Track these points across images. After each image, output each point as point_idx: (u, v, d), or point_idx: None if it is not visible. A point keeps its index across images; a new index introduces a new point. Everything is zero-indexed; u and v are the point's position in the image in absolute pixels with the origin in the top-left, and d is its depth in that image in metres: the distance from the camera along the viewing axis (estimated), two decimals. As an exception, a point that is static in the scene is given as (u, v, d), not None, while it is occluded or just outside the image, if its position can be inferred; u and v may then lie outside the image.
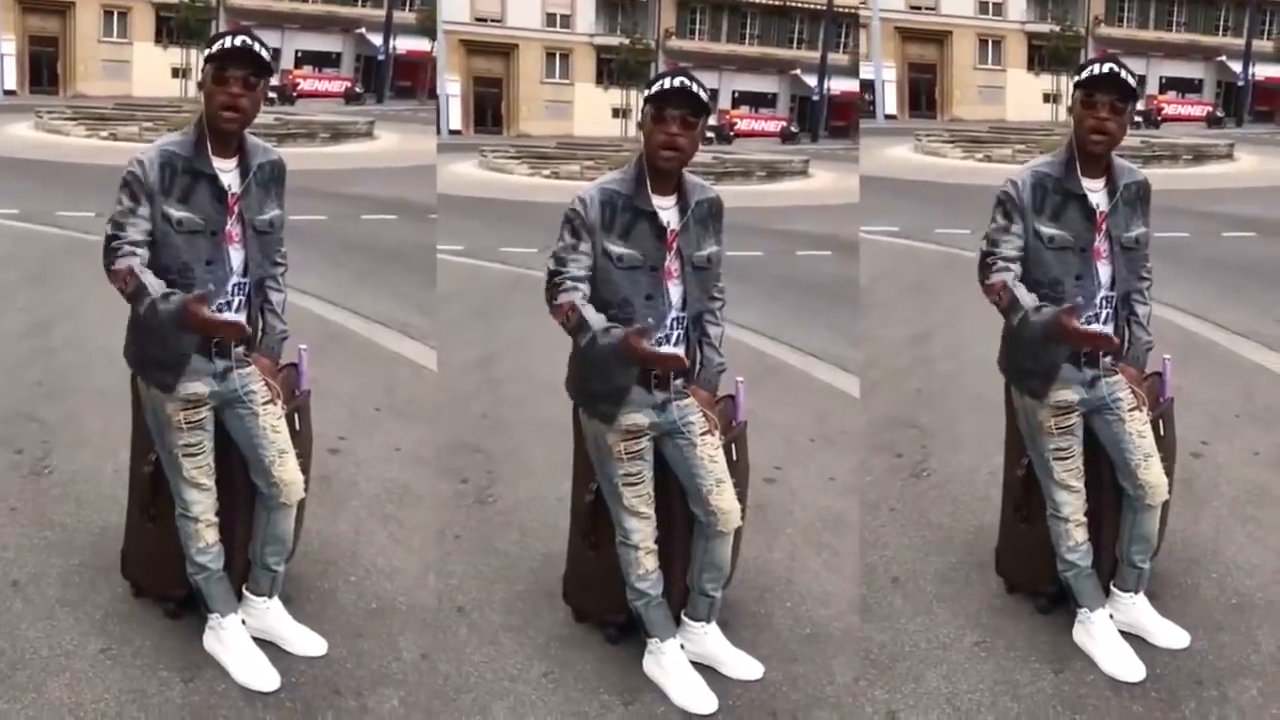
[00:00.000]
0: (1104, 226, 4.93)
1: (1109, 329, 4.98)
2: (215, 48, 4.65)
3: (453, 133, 38.61)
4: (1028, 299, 4.74)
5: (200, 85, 4.73)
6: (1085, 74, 4.86)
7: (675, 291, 4.80)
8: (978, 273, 4.92)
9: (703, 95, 4.68)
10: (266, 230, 4.86)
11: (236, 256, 4.77)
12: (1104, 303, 4.98)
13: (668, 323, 4.79)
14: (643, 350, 4.49)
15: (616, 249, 4.70)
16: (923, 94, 41.71)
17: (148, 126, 26.37)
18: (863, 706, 4.91)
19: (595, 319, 4.58)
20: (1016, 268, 4.85)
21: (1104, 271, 4.95)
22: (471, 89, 41.27)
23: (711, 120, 4.90)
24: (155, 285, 4.46)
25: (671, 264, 4.77)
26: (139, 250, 4.55)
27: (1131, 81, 4.81)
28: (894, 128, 36.55)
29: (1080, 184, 4.90)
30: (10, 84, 38.59)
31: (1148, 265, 5.13)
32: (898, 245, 14.46)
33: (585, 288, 4.66)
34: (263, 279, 4.90)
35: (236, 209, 4.74)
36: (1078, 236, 4.88)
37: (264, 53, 4.68)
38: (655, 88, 4.69)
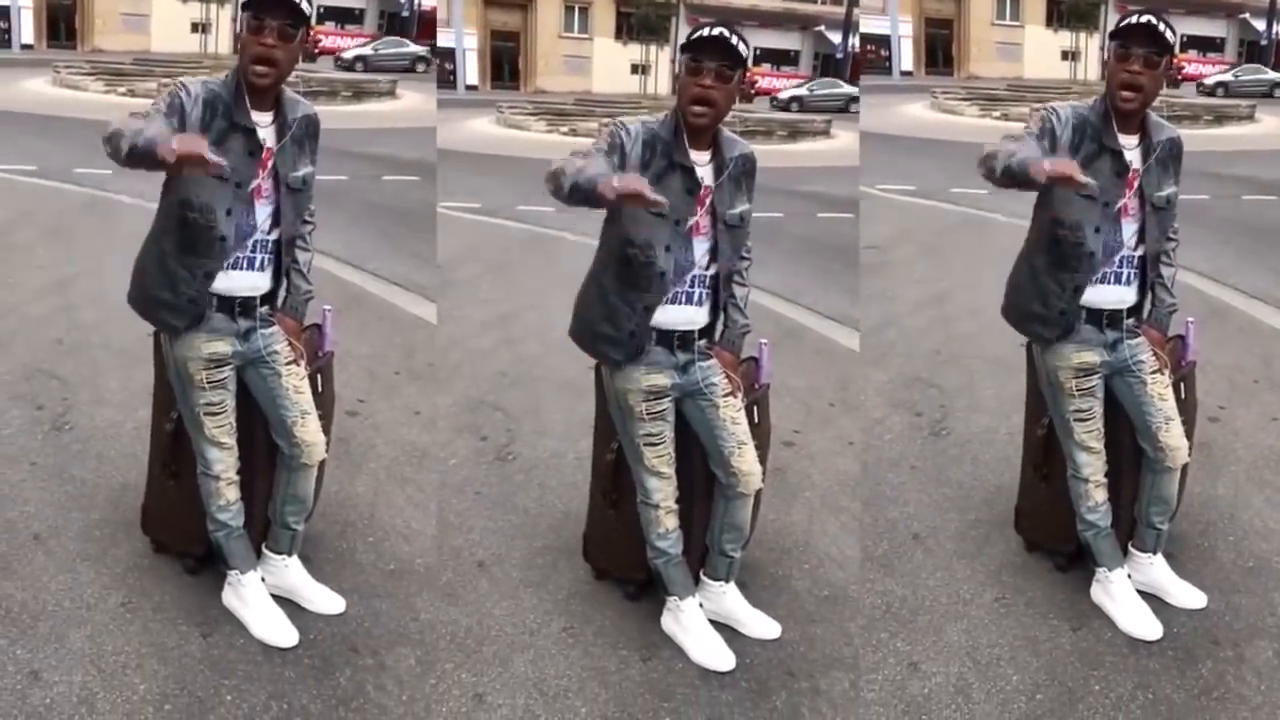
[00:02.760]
0: (1136, 184, 4.86)
1: (1133, 290, 4.96)
2: None
3: (469, 88, 38.46)
4: (1034, 151, 4.53)
5: (237, 36, 4.67)
6: (1120, 24, 4.76)
7: (700, 249, 4.74)
8: (984, 159, 4.61)
9: (740, 47, 4.57)
10: (300, 188, 4.80)
11: (263, 212, 4.72)
12: (1125, 262, 4.93)
13: (688, 280, 4.75)
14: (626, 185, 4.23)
15: None
16: (939, 50, 41.44)
17: (166, 83, 26.21)
18: (885, 659, 4.93)
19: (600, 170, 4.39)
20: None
21: (1128, 230, 4.89)
22: (489, 43, 41.08)
23: (742, 74, 4.81)
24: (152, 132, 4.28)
25: (703, 220, 4.71)
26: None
27: (1169, 35, 4.70)
28: (910, 85, 36.37)
29: (1117, 139, 4.80)
30: (28, 38, 38.52)
31: (1175, 226, 5.07)
32: (915, 204, 14.43)
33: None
34: (293, 237, 4.85)
35: (270, 164, 4.68)
36: (1103, 191, 4.76)
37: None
38: (692, 36, 4.59)
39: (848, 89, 36.35)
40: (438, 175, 13.59)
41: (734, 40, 4.57)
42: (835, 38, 41.33)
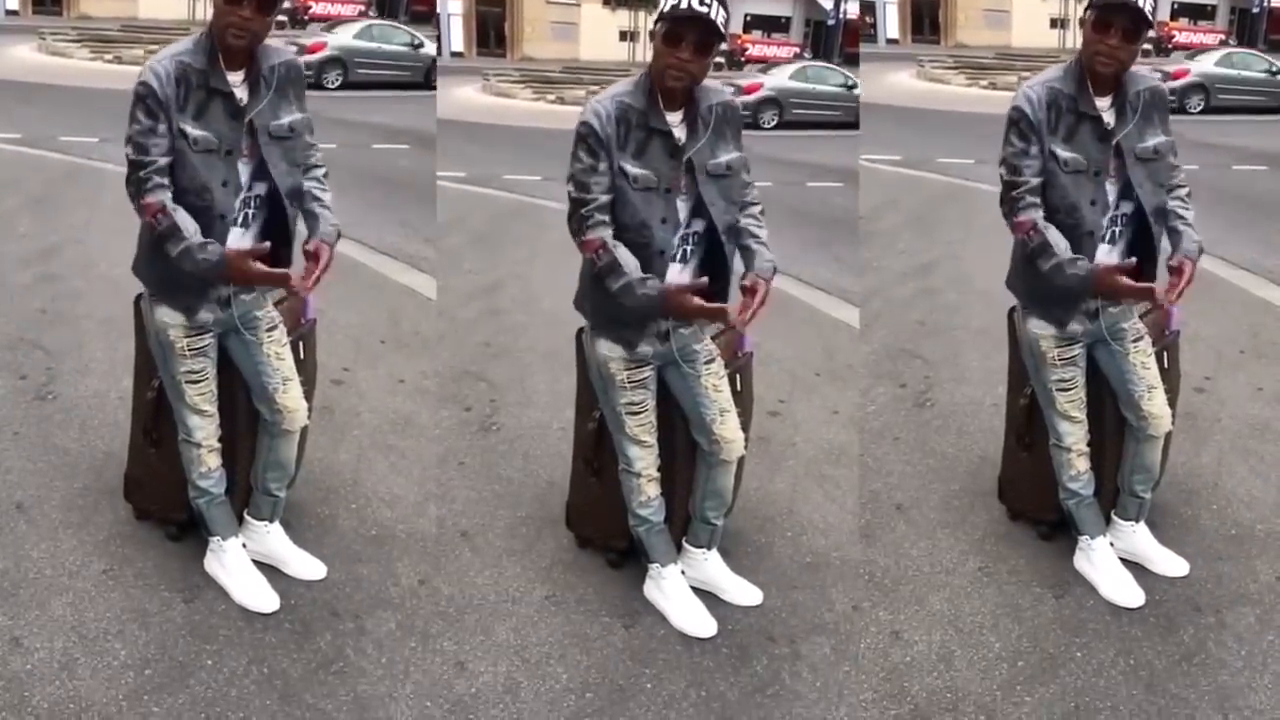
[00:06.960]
0: (1113, 142, 4.80)
1: (1120, 247, 4.89)
2: None
3: (454, 55, 38.26)
4: (1061, 244, 4.67)
5: None
6: None
7: (683, 208, 4.68)
8: (1001, 203, 4.79)
9: (720, 21, 4.50)
10: (286, 135, 4.71)
11: (245, 170, 4.64)
12: (1111, 221, 4.86)
13: (675, 241, 4.70)
14: (692, 306, 4.54)
15: (632, 169, 4.58)
16: (926, 18, 41.27)
17: (153, 50, 26.06)
18: (866, 627, 4.95)
19: (630, 263, 4.53)
20: (1040, 201, 4.74)
21: (1112, 191, 4.83)
22: (474, 8, 40.88)
23: (721, 45, 4.78)
24: (190, 229, 4.45)
25: (681, 178, 4.66)
26: (166, 180, 4.47)
27: (1148, 10, 4.65)
28: (895, 53, 36.22)
29: (1094, 104, 4.76)
30: (13, 4, 38.28)
31: (1178, 174, 4.97)
32: (900, 174, 14.39)
33: (610, 217, 4.57)
34: (297, 187, 4.75)
35: (248, 120, 4.62)
36: (1091, 159, 4.75)
37: None
38: (670, 4, 4.51)
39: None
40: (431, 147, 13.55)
41: (714, 14, 4.49)
42: (827, 4, 41.14)
